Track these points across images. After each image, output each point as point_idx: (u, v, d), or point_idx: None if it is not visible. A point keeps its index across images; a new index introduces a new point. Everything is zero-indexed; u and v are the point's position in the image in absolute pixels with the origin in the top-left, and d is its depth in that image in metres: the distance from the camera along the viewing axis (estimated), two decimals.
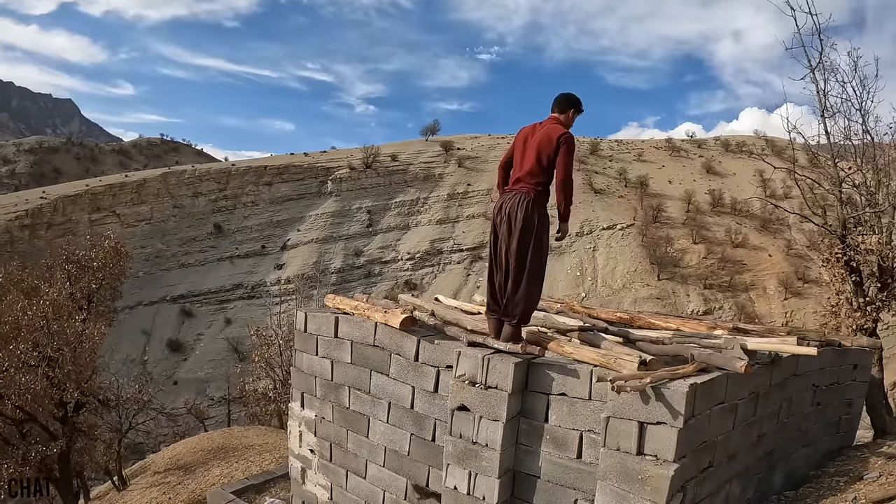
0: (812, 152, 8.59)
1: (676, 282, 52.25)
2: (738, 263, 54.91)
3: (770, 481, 5.43)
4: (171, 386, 43.20)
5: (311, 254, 59.74)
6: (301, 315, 6.16)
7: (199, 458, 13.28)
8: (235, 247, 61.71)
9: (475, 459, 4.49)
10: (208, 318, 56.02)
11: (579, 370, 4.17)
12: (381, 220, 63.02)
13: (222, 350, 49.94)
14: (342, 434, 5.93)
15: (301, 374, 6.30)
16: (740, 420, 4.59)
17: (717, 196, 63.02)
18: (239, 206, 64.68)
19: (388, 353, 5.28)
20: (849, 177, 8.12)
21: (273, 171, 66.79)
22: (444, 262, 58.71)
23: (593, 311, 5.64)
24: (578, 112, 4.95)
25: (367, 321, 5.40)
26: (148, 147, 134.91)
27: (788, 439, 5.60)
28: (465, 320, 4.78)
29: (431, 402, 4.98)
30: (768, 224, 58.77)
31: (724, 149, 79.52)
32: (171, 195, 64.28)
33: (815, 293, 46.54)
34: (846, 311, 7.85)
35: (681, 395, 3.66)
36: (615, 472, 3.88)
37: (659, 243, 54.39)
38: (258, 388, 14.52)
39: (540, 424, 4.37)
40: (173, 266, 59.96)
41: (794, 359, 5.21)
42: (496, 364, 4.32)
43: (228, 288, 58.05)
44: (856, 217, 7.93)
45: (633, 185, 65.20)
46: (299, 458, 6.63)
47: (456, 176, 66.84)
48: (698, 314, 45.69)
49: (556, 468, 4.34)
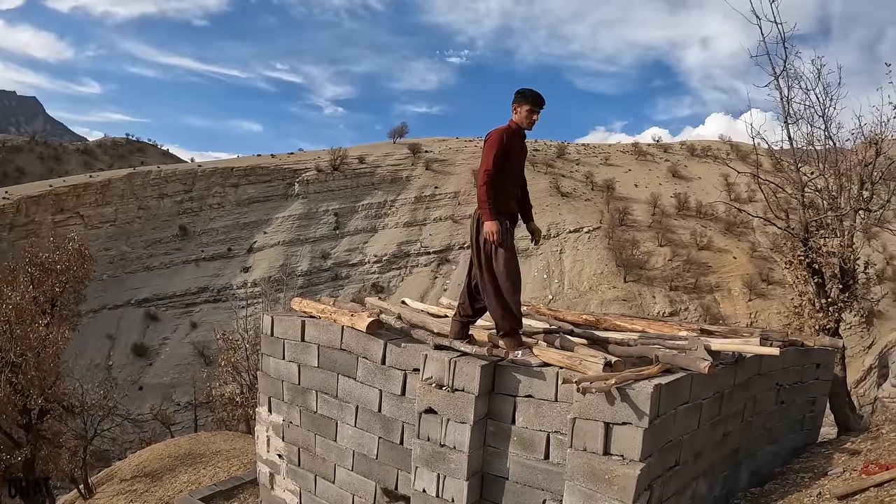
0: (776, 157, 8.77)
1: (642, 284, 53.03)
2: (703, 265, 55.98)
3: (736, 478, 5.51)
4: (136, 391, 42.28)
5: (277, 256, 59.15)
6: (267, 319, 6.09)
7: (166, 465, 13.03)
8: (201, 249, 60.79)
9: (443, 462, 4.48)
10: (174, 321, 55.04)
11: (545, 372, 4.19)
12: (349, 222, 62.73)
13: (188, 354, 49.09)
14: (310, 438, 5.87)
15: (268, 378, 6.23)
16: (705, 419, 4.65)
17: (683, 199, 64.21)
18: (205, 208, 63.74)
19: (355, 357, 5.24)
20: (811, 181, 8.30)
21: (240, 173, 65.96)
22: (411, 264, 58.68)
23: (559, 313, 5.67)
24: (527, 107, 4.69)
25: (334, 325, 5.36)
26: (113, 147, 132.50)
27: (753, 437, 5.69)
28: (431, 323, 4.77)
29: (399, 406, 4.96)
30: (733, 227, 60.03)
31: (689, 153, 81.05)
32: (136, 196, 63.09)
33: (778, 294, 47.64)
34: (809, 311, 8.01)
35: (645, 395, 3.70)
36: (582, 472, 3.90)
37: (625, 246, 55.19)
38: (225, 393, 14.32)
39: (507, 426, 4.38)
40: (138, 269, 58.84)
41: (757, 359, 5.30)
42: (462, 367, 4.32)
43: (194, 291, 57.15)
44: (818, 220, 8.11)
45: (599, 189, 66.04)
46: (267, 463, 6.55)
47: (423, 178, 66.87)
48: (664, 316, 46.41)
49: (523, 469, 4.35)
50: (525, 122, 4.72)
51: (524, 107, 4.68)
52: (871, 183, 8.38)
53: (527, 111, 4.68)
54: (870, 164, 8.38)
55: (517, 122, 4.73)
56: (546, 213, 60.47)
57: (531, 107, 4.67)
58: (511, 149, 4.68)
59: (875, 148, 8.40)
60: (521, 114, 4.70)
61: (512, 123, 4.75)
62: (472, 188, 64.69)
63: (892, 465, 4.83)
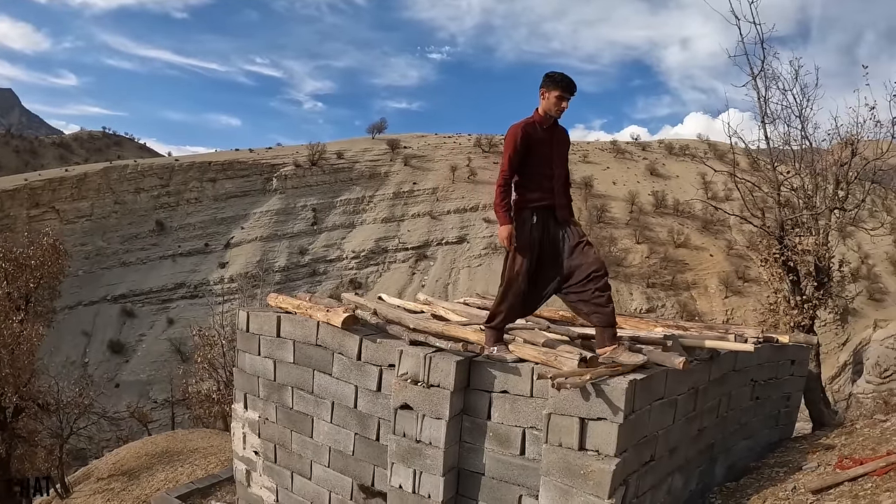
0: (752, 156, 8.87)
1: (620, 280, 53.46)
2: (680, 263, 56.64)
3: (712, 473, 5.55)
4: (112, 389, 41.73)
5: (255, 252, 58.63)
6: (243, 314, 6.03)
7: (143, 463, 12.88)
8: (178, 245, 60.06)
9: (419, 458, 4.46)
10: (150, 318, 54.30)
11: (521, 368, 4.18)
12: (327, 218, 62.41)
13: (165, 351, 48.41)
14: (286, 435, 5.82)
15: (244, 374, 6.16)
16: (680, 415, 4.68)
17: (661, 197, 64.86)
18: (182, 203, 62.97)
19: (331, 353, 5.20)
20: (787, 180, 8.41)
21: (217, 168, 65.29)
22: (389, 260, 58.56)
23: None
24: (556, 92, 4.28)
25: (310, 320, 5.32)
26: (89, 140, 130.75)
27: (729, 432, 5.74)
28: (407, 319, 4.74)
29: (375, 402, 4.93)
30: (710, 225, 60.75)
31: (667, 151, 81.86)
32: (113, 191, 62.12)
33: (754, 291, 48.31)
34: (784, 308, 8.12)
35: (620, 391, 3.71)
36: (558, 467, 3.90)
37: (603, 243, 55.59)
38: (201, 390, 14.18)
39: (483, 422, 4.37)
40: (114, 264, 57.94)
41: (732, 355, 5.34)
42: (438, 362, 4.30)
43: (171, 287, 56.40)
44: (793, 219, 8.22)
45: (577, 186, 66.29)
46: (243, 460, 6.49)
47: (402, 174, 66.77)
48: (641, 312, 46.85)
49: (500, 465, 4.35)
50: (553, 109, 4.34)
51: (553, 92, 4.29)
52: (847, 183, 8.50)
53: (556, 97, 4.29)
54: (845, 165, 8.51)
55: (544, 109, 4.35)
56: None
57: (560, 92, 4.28)
58: (534, 141, 4.33)
59: (851, 148, 8.54)
60: (549, 100, 4.31)
61: (536, 113, 4.39)
62: (451, 184, 64.78)
63: (866, 459, 4.89)
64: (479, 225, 60.42)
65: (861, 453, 5.43)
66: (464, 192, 64.02)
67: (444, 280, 55.42)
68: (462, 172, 66.48)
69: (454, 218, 61.38)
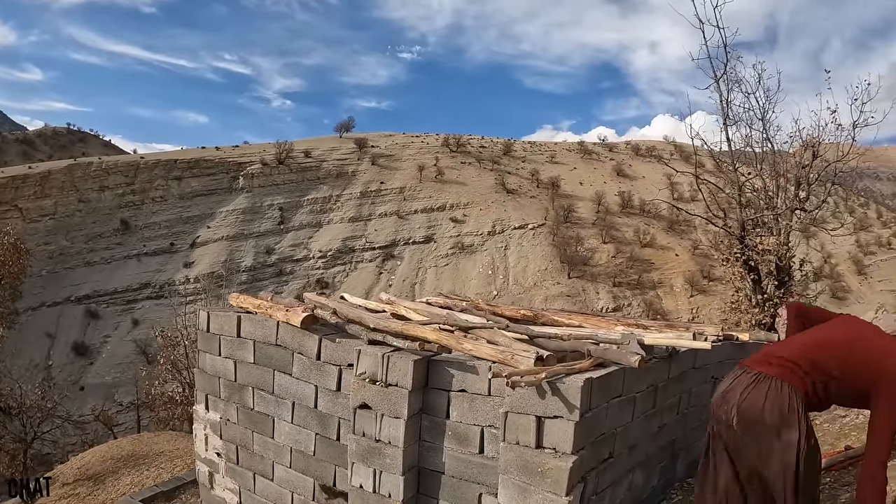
0: (716, 158, 9.03)
1: (586, 280, 54.18)
2: (646, 262, 57.58)
3: (674, 469, 5.62)
4: (77, 392, 40.93)
5: (221, 251, 58.01)
6: (203, 314, 5.95)
7: (108, 467, 12.68)
8: (143, 244, 59.16)
9: (379, 457, 4.45)
10: (115, 319, 53.33)
11: (478, 367, 4.19)
12: (293, 217, 62.08)
13: (130, 353, 47.54)
14: (248, 436, 5.76)
15: (204, 375, 6.09)
16: (639, 412, 4.72)
17: (627, 198, 65.80)
18: (147, 202, 62.05)
19: (291, 353, 5.17)
20: (749, 181, 8.57)
21: (183, 165, 64.50)
22: (356, 260, 58.47)
23: (497, 308, 5.69)
24: None
25: (270, 320, 5.27)
26: (54, 137, 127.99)
27: (690, 429, 5.81)
28: (367, 318, 4.72)
29: (335, 401, 4.90)
30: (675, 225, 61.84)
31: (634, 153, 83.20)
32: (77, 189, 60.91)
33: (719, 290, 49.19)
34: (746, 307, 8.28)
35: (576, 389, 3.73)
36: (516, 465, 3.92)
37: (569, 243, 56.36)
38: (165, 392, 14.00)
39: (442, 421, 4.37)
40: (78, 264, 56.76)
41: (692, 353, 5.40)
42: (396, 361, 4.29)
43: (136, 287, 55.52)
44: (755, 219, 8.38)
45: (544, 186, 67.18)
46: (206, 462, 6.40)
47: (369, 174, 66.74)
48: (608, 311, 47.42)
49: (459, 463, 4.35)
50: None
51: None
52: (808, 184, 8.69)
53: None
54: (807, 167, 8.70)
55: None
56: (491, 210, 61.26)
57: None
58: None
59: (812, 151, 8.73)
60: None
61: None
62: (419, 184, 64.77)
63: (825, 454, 4.98)
64: (445, 225, 60.58)
65: (821, 448, 5.54)
66: (431, 192, 64.14)
67: (411, 279, 55.47)
68: (429, 172, 66.64)
69: (421, 217, 61.46)
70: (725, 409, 2.93)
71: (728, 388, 3.00)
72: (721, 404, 2.98)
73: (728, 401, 2.93)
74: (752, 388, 2.85)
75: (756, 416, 2.80)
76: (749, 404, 2.82)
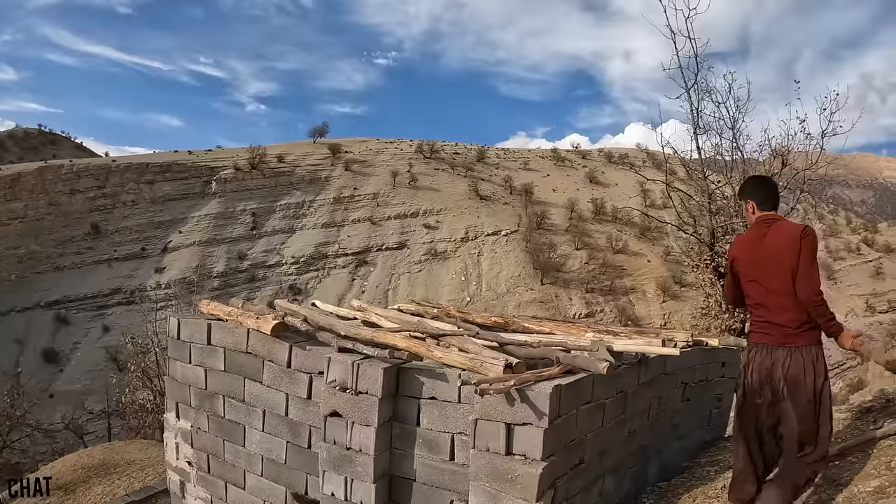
0: (687, 166, 9.16)
1: (559, 286, 54.48)
2: (618, 268, 58.13)
3: (645, 474, 5.67)
4: (46, 399, 40.01)
5: (193, 257, 57.01)
6: (174, 321, 5.90)
7: (79, 477, 12.45)
8: (114, 248, 57.88)
9: (350, 465, 4.44)
10: (85, 325, 52.06)
11: (448, 374, 4.21)
12: (266, 222, 61.37)
13: (101, 360, 46.32)
14: (219, 444, 5.71)
15: (175, 383, 6.02)
16: (609, 418, 4.77)
17: (600, 205, 66.43)
18: (118, 206, 60.81)
19: (261, 360, 5.14)
20: (718, 189, 8.71)
21: (155, 169, 63.43)
22: (329, 266, 58.02)
23: (469, 315, 5.72)
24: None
25: (240, 327, 5.24)
26: (24, 138, 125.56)
27: (661, 434, 5.87)
28: (338, 326, 4.72)
29: (305, 409, 4.88)
30: (648, 232, 62.54)
31: (607, 160, 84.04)
32: (47, 192, 59.57)
33: (691, 296, 49.84)
34: (715, 312, 8.39)
35: (545, 396, 3.77)
36: (486, 472, 3.94)
37: (542, 249, 56.67)
38: (136, 400, 13.81)
39: (412, 428, 4.38)
40: (48, 269, 55.42)
41: (662, 358, 5.46)
42: (366, 369, 4.29)
43: (106, 293, 54.23)
44: (724, 226, 8.52)
45: (518, 193, 67.49)
46: (177, 471, 6.33)
47: (343, 179, 66.37)
48: (581, 317, 47.73)
49: (430, 471, 4.36)
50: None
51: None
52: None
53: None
54: (776, 175, 8.85)
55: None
56: (464, 216, 61.37)
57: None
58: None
59: (782, 159, 8.89)
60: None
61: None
62: (392, 189, 64.74)
63: None
64: (419, 231, 60.50)
65: None
66: (404, 198, 64.02)
67: (385, 286, 55.27)
68: (403, 178, 66.57)
69: (394, 224, 61.32)
70: (773, 381, 3.69)
71: (770, 363, 3.73)
72: (768, 379, 3.72)
73: (773, 375, 3.70)
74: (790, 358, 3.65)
75: (799, 379, 3.60)
76: (794, 371, 3.62)
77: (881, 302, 62.31)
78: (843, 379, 33.01)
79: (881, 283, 67.51)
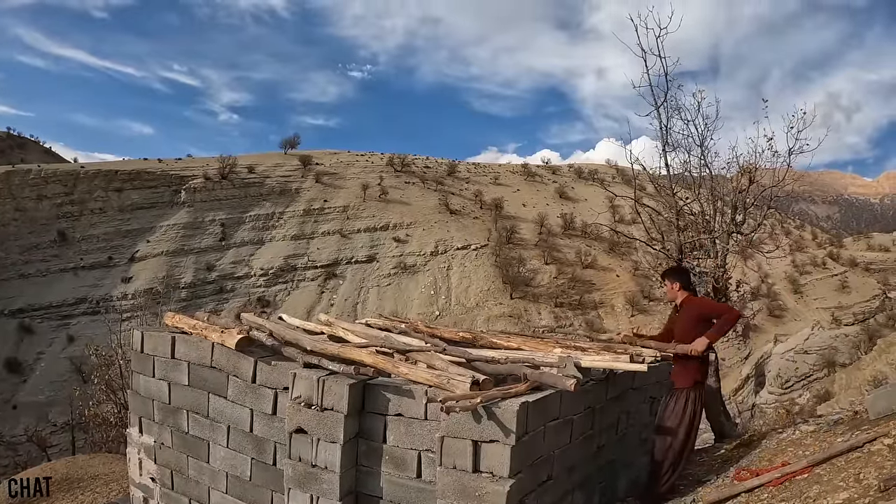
0: (655, 182, 9.27)
1: (528, 300, 54.81)
2: (587, 283, 58.71)
3: (614, 488, 5.68)
4: (9, 410, 38.90)
5: (160, 267, 55.99)
6: (137, 334, 5.77)
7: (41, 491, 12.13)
8: (80, 257, 56.55)
9: (315, 483, 4.37)
10: (50, 334, 50.71)
11: (414, 391, 4.18)
12: (235, 233, 60.63)
13: (65, 371, 45.06)
14: (182, 460, 5.59)
15: (138, 397, 5.89)
16: (577, 434, 4.78)
17: (569, 220, 66.98)
18: (86, 213, 59.44)
19: (226, 375, 5.05)
20: (686, 205, 8.83)
21: (124, 177, 62.20)
22: (298, 279, 57.54)
23: (437, 330, 5.69)
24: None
25: (205, 341, 5.14)
26: None
27: (629, 448, 5.89)
28: (304, 340, 4.65)
29: (270, 425, 4.81)
30: (617, 247, 63.24)
31: (577, 176, 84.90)
32: (14, 197, 58.04)
33: (660, 310, 50.54)
34: None
35: (511, 413, 3.76)
36: (453, 489, 3.91)
37: (512, 263, 56.99)
38: (99, 413, 13.46)
39: (378, 445, 4.33)
40: (12, 276, 53.84)
41: (630, 374, 5.49)
42: (331, 385, 4.24)
43: (72, 302, 52.94)
44: (692, 242, 8.62)
45: (488, 207, 67.84)
46: (140, 487, 6.18)
47: (313, 191, 65.96)
48: (549, 331, 47.95)
49: (397, 488, 4.31)
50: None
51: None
52: (745, 208, 8.98)
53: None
54: (744, 191, 8.99)
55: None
56: (434, 230, 61.38)
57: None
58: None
59: (749, 176, 9.04)
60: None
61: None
62: (362, 202, 64.57)
63: (763, 470, 5.11)
64: (388, 244, 60.32)
65: (758, 464, 5.69)
66: (374, 211, 63.82)
67: (354, 299, 54.96)
68: (373, 191, 66.39)
69: (364, 237, 61.06)
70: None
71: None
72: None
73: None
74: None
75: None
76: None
77: (847, 315, 63.80)
78: (811, 390, 33.62)
79: (846, 296, 69.15)
